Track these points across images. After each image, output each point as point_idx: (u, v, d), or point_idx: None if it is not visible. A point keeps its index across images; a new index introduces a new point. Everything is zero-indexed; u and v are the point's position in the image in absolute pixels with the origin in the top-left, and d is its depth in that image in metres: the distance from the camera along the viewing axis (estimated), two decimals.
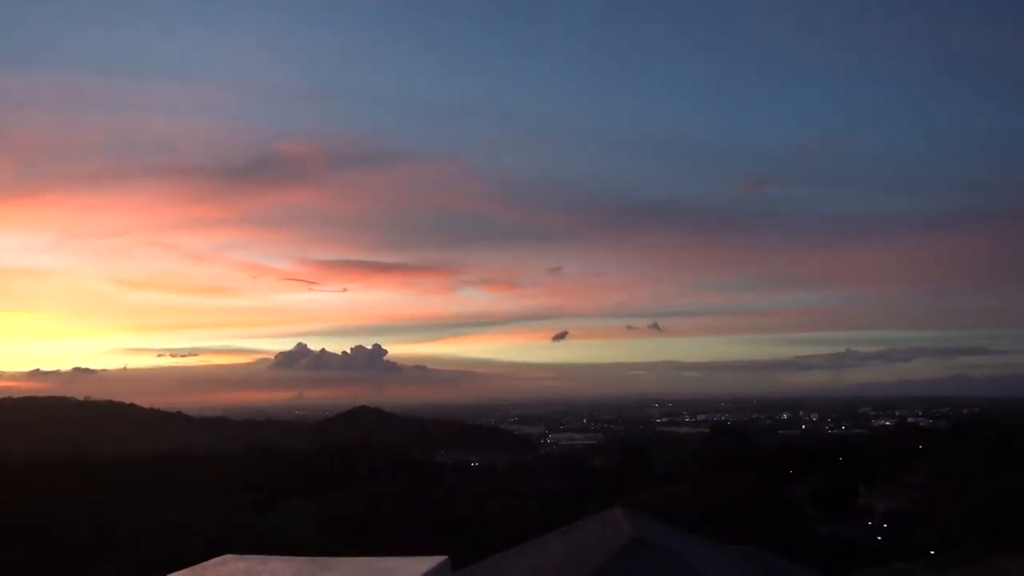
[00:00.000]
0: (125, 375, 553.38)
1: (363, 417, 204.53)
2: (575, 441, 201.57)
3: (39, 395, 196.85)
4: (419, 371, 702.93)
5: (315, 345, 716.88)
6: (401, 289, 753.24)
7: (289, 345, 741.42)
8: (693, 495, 61.09)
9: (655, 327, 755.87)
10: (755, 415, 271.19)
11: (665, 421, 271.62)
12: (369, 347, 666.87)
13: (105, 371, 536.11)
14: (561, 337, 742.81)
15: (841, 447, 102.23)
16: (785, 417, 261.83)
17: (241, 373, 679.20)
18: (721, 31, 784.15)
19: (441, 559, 2.80)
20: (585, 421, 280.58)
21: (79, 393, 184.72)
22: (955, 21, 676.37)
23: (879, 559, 42.41)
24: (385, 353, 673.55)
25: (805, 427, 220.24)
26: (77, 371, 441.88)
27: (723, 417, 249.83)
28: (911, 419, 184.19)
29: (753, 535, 34.94)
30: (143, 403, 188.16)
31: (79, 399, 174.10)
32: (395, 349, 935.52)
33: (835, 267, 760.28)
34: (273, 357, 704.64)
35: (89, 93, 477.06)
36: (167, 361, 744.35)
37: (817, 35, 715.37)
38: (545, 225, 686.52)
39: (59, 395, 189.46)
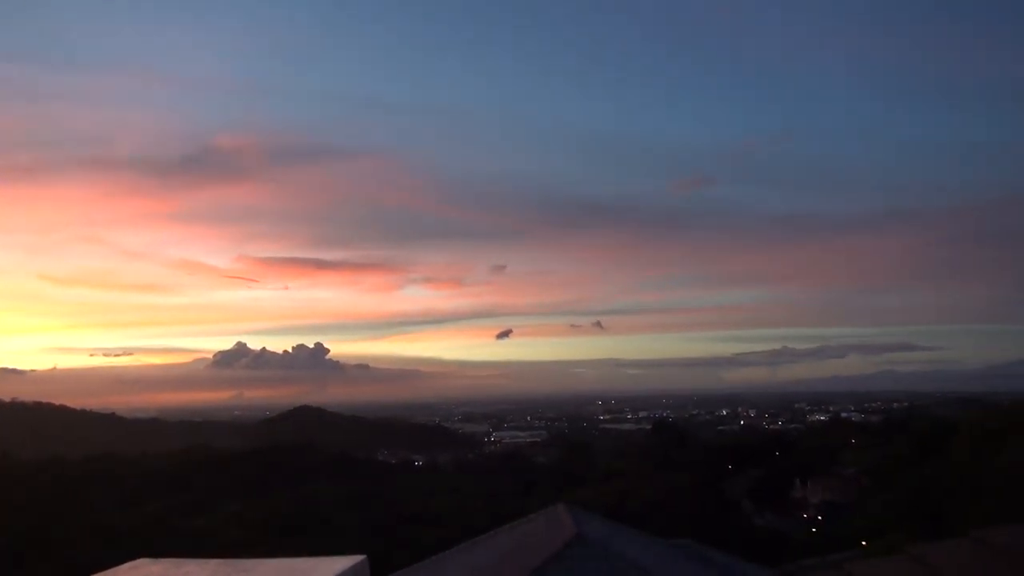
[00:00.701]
0: (55, 375, 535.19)
1: (304, 417, 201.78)
2: (519, 439, 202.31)
3: None
4: (362, 370, 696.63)
5: (255, 344, 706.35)
6: (344, 287, 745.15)
7: (228, 344, 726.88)
8: (634, 491, 61.85)
9: (598, 325, 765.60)
10: (695, 411, 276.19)
11: (608, 418, 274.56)
12: (311, 346, 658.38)
13: (34, 371, 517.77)
14: (505, 335, 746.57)
15: (778, 442, 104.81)
16: (724, 413, 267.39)
17: (178, 373, 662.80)
18: (664, 33, 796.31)
19: (359, 558, 2.74)
20: (529, 419, 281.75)
21: (7, 394, 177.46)
22: (890, 30, 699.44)
23: (813, 550, 43.59)
24: (327, 352, 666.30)
25: (743, 423, 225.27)
26: (4, 371, 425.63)
27: (664, 413, 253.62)
28: (844, 414, 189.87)
29: (692, 529, 35.57)
30: (74, 404, 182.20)
31: (7, 400, 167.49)
32: (338, 348, 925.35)
33: (772, 266, 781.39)
34: (211, 356, 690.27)
35: (13, 83, 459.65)
36: (99, 361, 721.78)
37: (758, 38, 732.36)
38: (490, 223, 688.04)
39: None
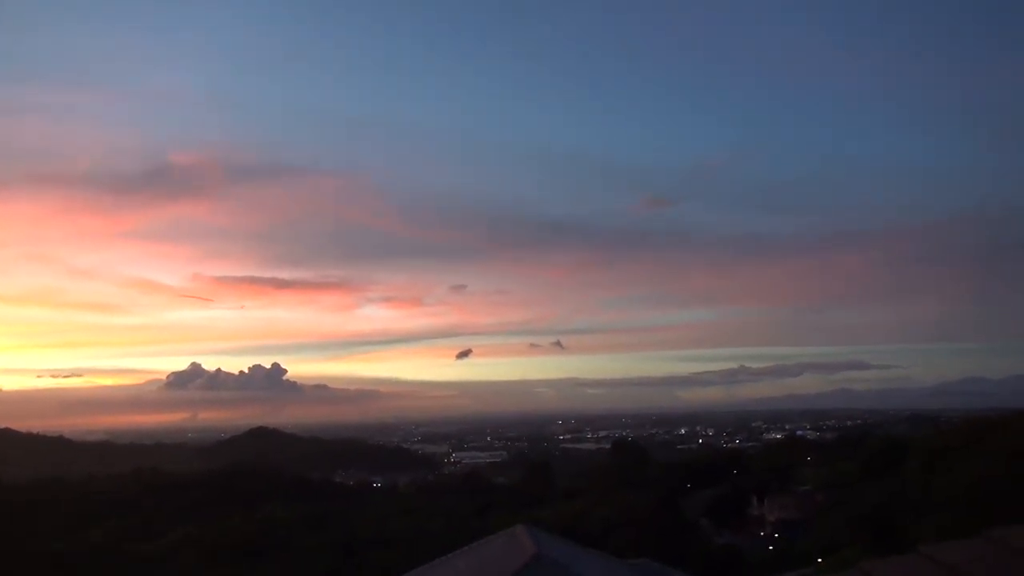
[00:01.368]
0: (0, 397, 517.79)
1: (260, 438, 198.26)
2: (479, 459, 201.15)
3: None
4: (320, 390, 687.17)
5: (210, 365, 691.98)
6: (302, 306, 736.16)
7: (182, 365, 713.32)
8: (594, 510, 61.80)
9: (558, 345, 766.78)
10: (655, 430, 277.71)
11: (568, 438, 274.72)
12: (268, 366, 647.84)
13: None
14: (465, 355, 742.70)
15: (735, 460, 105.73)
16: (683, 432, 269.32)
17: (129, 394, 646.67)
18: (622, 54, 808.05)
19: None
20: (489, 439, 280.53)
21: None
22: (842, 55, 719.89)
23: (770, 568, 44.01)
24: (284, 372, 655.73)
25: (702, 441, 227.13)
26: None
27: (624, 433, 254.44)
28: (799, 432, 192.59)
29: (651, 548, 35.63)
30: (20, 427, 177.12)
31: None
32: (295, 368, 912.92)
33: (728, 285, 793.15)
34: (165, 377, 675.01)
35: None
36: (47, 382, 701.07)
37: (714, 61, 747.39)
38: (450, 243, 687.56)
39: None
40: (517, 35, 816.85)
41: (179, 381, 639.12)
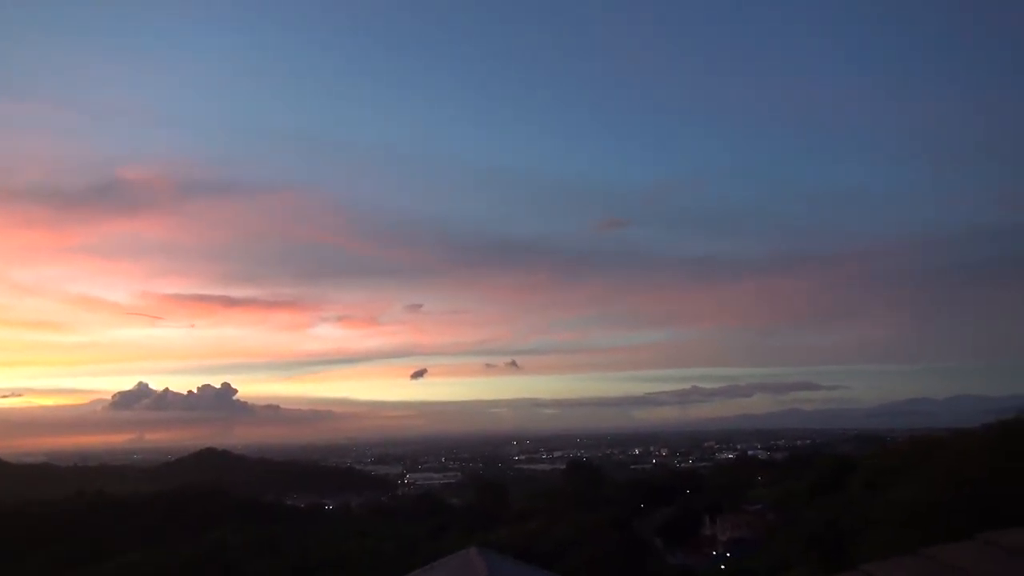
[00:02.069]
0: None
1: (209, 460, 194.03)
2: (433, 480, 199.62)
3: None
4: (271, 411, 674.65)
5: (158, 384, 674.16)
6: (253, 325, 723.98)
7: (129, 384, 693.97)
8: (548, 531, 61.68)
9: (513, 365, 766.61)
10: (609, 450, 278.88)
11: (523, 458, 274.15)
12: (218, 386, 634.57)
13: None
14: (420, 375, 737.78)
15: (688, 480, 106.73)
16: (637, 452, 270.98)
17: (72, 415, 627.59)
18: (581, 75, 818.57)
19: None
20: (444, 460, 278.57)
21: None
22: (794, 80, 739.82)
23: None
24: (235, 392, 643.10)
25: (656, 461, 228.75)
26: None
27: (579, 453, 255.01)
28: (751, 452, 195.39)
29: (605, 569, 35.72)
30: None
31: None
32: (246, 388, 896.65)
33: (682, 306, 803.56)
34: (110, 397, 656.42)
35: None
36: None
37: (669, 85, 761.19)
38: (405, 262, 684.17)
39: None
40: (474, 53, 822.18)
41: (125, 401, 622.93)
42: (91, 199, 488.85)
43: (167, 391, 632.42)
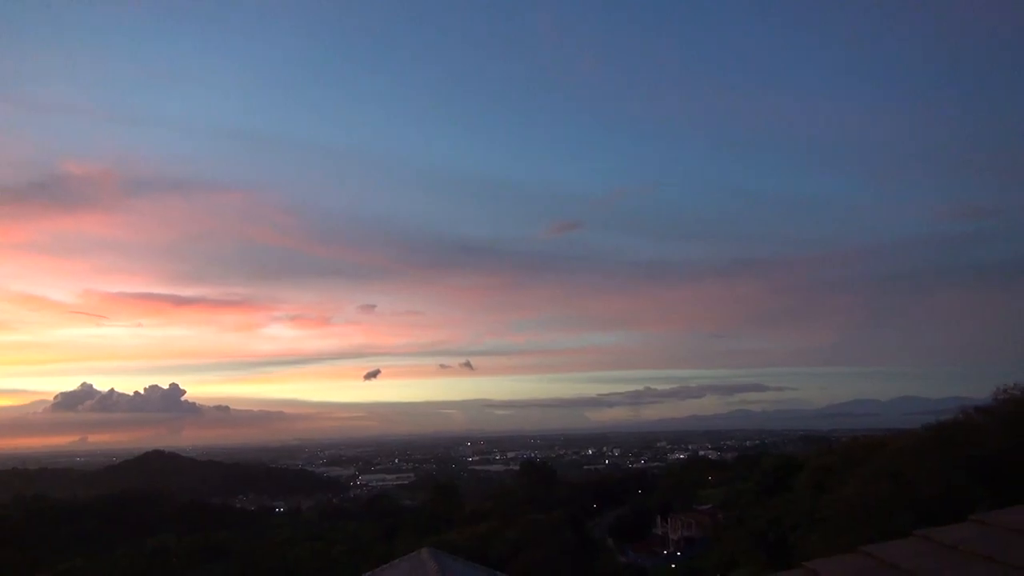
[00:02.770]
0: None
1: (156, 462, 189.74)
2: (386, 481, 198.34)
3: None
4: (221, 412, 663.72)
5: (103, 385, 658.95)
6: (203, 325, 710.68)
7: (72, 385, 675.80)
8: (500, 532, 61.67)
9: (467, 366, 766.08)
10: (562, 451, 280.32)
11: (477, 459, 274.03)
12: (165, 387, 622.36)
13: None
14: (373, 376, 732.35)
15: (640, 480, 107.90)
16: (590, 452, 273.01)
17: (11, 416, 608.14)
18: (538, 79, 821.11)
19: None
20: (397, 461, 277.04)
21: None
22: (745, 91, 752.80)
23: None
24: (183, 393, 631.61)
25: (608, 461, 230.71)
26: None
27: (532, 454, 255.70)
28: (701, 452, 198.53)
29: (557, 569, 35.87)
30: None
31: None
32: (194, 389, 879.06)
33: (634, 309, 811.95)
34: (52, 398, 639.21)
35: None
36: None
37: (628, 90, 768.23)
38: (359, 262, 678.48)
39: None
40: (431, 57, 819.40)
41: (68, 402, 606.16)
42: (33, 196, 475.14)
43: (112, 392, 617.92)
